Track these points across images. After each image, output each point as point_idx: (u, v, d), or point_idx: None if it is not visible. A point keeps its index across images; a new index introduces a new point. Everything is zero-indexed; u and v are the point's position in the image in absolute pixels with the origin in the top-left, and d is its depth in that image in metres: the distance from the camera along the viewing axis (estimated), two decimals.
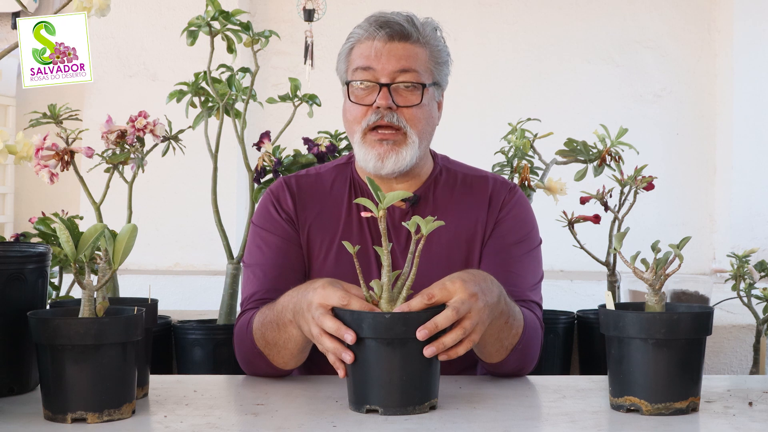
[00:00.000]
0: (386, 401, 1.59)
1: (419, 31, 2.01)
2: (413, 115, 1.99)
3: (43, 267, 1.77)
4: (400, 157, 1.98)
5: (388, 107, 1.97)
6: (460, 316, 1.62)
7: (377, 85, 1.98)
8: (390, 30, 1.98)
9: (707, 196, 4.70)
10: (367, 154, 1.99)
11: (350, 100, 2.01)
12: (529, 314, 1.94)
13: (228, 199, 4.10)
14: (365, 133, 1.99)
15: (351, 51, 2.03)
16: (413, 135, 1.98)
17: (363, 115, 1.99)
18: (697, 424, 1.58)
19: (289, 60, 4.59)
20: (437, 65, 2.04)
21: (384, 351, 1.59)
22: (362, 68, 1.99)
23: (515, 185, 2.13)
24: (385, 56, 1.98)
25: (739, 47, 4.50)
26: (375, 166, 1.99)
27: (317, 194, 2.09)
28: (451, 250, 2.03)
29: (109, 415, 1.53)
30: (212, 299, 3.75)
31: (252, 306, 2.00)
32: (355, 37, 2.03)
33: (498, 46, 4.71)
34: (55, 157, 2.55)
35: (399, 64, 1.98)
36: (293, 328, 1.81)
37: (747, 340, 3.04)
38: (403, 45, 1.99)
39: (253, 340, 1.91)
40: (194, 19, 2.73)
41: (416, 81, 1.99)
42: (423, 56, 2.01)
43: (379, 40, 1.98)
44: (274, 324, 1.85)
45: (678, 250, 1.60)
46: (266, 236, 2.06)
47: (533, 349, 1.94)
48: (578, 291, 4.13)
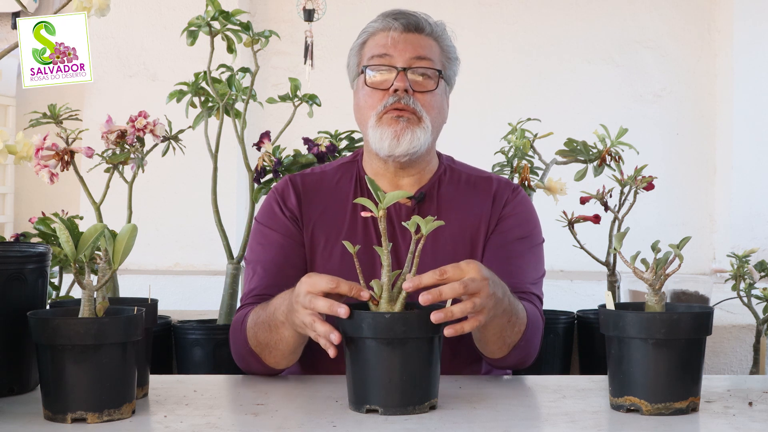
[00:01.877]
0: (386, 401, 1.59)
1: (432, 27, 2.07)
2: (428, 101, 2.03)
3: (43, 267, 1.77)
4: (415, 137, 2.00)
5: (405, 90, 2.00)
6: (468, 292, 1.62)
7: (394, 69, 2.02)
8: (406, 21, 2.04)
9: (707, 196, 4.70)
10: (383, 133, 2.00)
11: (366, 85, 2.04)
12: (531, 308, 1.95)
13: (228, 200, 4.10)
14: (381, 116, 2.01)
15: (365, 44, 2.08)
16: (427, 120, 2.02)
17: (379, 100, 2.02)
18: (697, 424, 1.58)
19: (289, 60, 4.59)
20: (448, 60, 2.09)
21: (384, 351, 1.59)
22: (378, 55, 2.03)
23: (518, 186, 2.15)
24: (401, 44, 2.03)
25: (739, 47, 4.50)
26: (390, 145, 2.00)
27: (322, 192, 2.09)
28: (455, 247, 2.04)
29: (109, 415, 1.53)
30: (212, 299, 3.75)
31: (250, 302, 2.02)
32: (370, 30, 2.08)
33: (498, 46, 4.71)
34: (55, 157, 2.54)
35: (415, 51, 2.03)
36: (285, 330, 1.81)
37: (747, 340, 3.03)
38: (418, 36, 2.04)
39: (245, 339, 1.93)
40: (194, 19, 2.72)
41: (432, 67, 2.03)
42: (436, 49, 2.07)
43: (395, 30, 2.04)
44: (266, 325, 1.86)
45: (678, 250, 1.60)
46: (268, 233, 2.07)
47: (535, 343, 1.96)
48: (578, 291, 4.13)
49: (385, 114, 2.01)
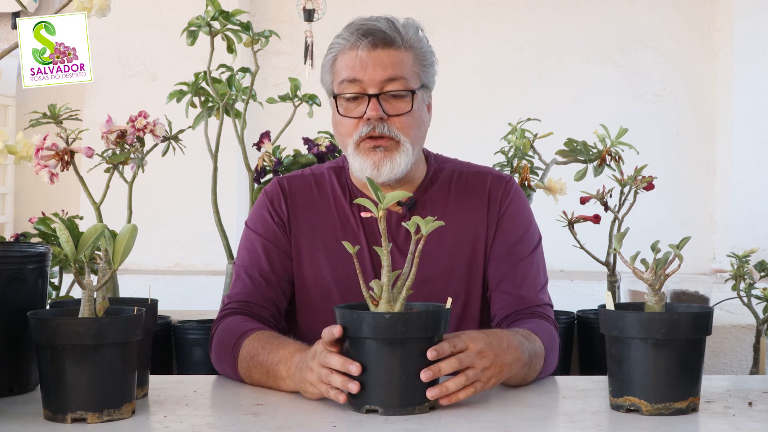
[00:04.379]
0: (386, 401, 1.60)
1: (402, 36, 1.97)
2: (404, 123, 1.96)
3: (43, 267, 1.77)
4: (395, 164, 1.96)
5: (379, 118, 1.95)
6: (463, 366, 1.65)
7: (366, 96, 1.95)
8: (373, 38, 1.95)
9: (707, 196, 4.70)
10: (363, 163, 1.96)
11: (339, 113, 1.99)
12: (545, 328, 1.95)
13: (228, 199, 4.10)
14: (358, 144, 1.97)
15: (335, 62, 2.00)
16: (406, 143, 1.96)
17: (354, 128, 1.97)
18: (697, 424, 1.58)
19: (289, 60, 4.59)
20: (423, 68, 2.01)
21: (384, 351, 1.59)
22: (348, 80, 1.96)
23: (510, 177, 2.11)
24: (371, 66, 1.95)
25: (739, 47, 4.50)
26: (372, 174, 1.96)
27: (311, 196, 2.08)
28: (454, 254, 2.03)
29: (109, 415, 1.53)
30: (212, 299, 3.75)
31: (232, 308, 2.01)
32: (338, 48, 1.99)
33: (498, 47, 4.71)
34: (55, 157, 2.54)
35: (386, 72, 1.95)
36: (283, 383, 1.79)
37: (747, 340, 3.03)
38: (387, 52, 1.96)
39: (234, 365, 1.89)
40: (194, 19, 2.72)
41: (405, 88, 1.96)
42: (409, 61, 1.98)
43: (363, 49, 1.95)
44: (265, 370, 1.83)
45: (678, 250, 1.60)
46: (255, 239, 2.07)
47: (554, 359, 1.95)
48: (578, 291, 4.13)
49: (362, 143, 1.96)
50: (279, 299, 2.04)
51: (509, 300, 2.01)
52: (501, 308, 2.01)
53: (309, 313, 2.04)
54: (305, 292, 2.05)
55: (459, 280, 2.03)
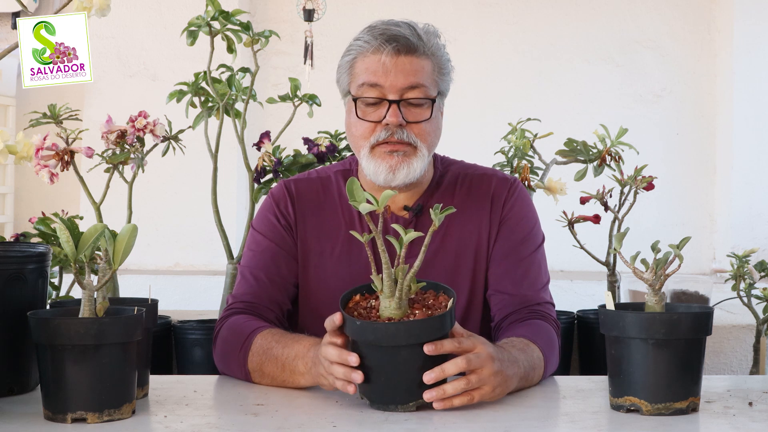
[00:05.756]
0: (372, 396, 1.64)
1: (424, 43, 1.97)
2: (423, 129, 1.97)
3: (43, 267, 1.77)
4: (412, 168, 1.96)
5: (399, 124, 1.95)
6: (471, 368, 1.63)
7: (386, 101, 1.95)
8: (397, 44, 1.94)
9: (707, 196, 4.70)
10: (378, 166, 1.96)
11: (357, 116, 1.98)
12: (545, 329, 1.94)
13: (228, 200, 4.10)
14: (373, 148, 1.96)
15: (354, 64, 1.99)
16: (423, 148, 1.97)
17: (371, 131, 1.97)
18: (697, 424, 1.58)
19: (289, 60, 4.59)
20: (441, 76, 2.01)
21: (386, 356, 1.60)
22: (369, 84, 1.95)
23: (515, 179, 2.11)
24: (393, 72, 1.94)
25: (739, 47, 4.50)
26: (386, 179, 1.96)
27: (318, 198, 2.08)
28: (457, 256, 2.03)
29: (109, 415, 1.54)
30: (212, 299, 3.75)
31: (237, 308, 2.01)
32: (358, 50, 1.98)
33: (498, 47, 4.71)
34: (55, 157, 2.55)
35: (407, 80, 1.95)
36: (301, 378, 1.80)
37: (747, 340, 3.04)
38: (410, 59, 1.95)
39: (245, 359, 1.89)
40: (194, 19, 2.72)
41: (425, 96, 1.97)
42: (429, 68, 1.98)
43: (387, 54, 1.94)
44: (280, 364, 1.83)
45: (678, 250, 1.60)
46: (261, 241, 2.07)
47: (554, 361, 1.94)
48: (578, 291, 4.12)
49: (378, 146, 1.96)
50: (283, 301, 2.04)
51: (509, 299, 2.01)
52: (501, 308, 2.01)
53: (312, 315, 2.04)
54: (309, 294, 2.05)
55: (462, 282, 2.03)
